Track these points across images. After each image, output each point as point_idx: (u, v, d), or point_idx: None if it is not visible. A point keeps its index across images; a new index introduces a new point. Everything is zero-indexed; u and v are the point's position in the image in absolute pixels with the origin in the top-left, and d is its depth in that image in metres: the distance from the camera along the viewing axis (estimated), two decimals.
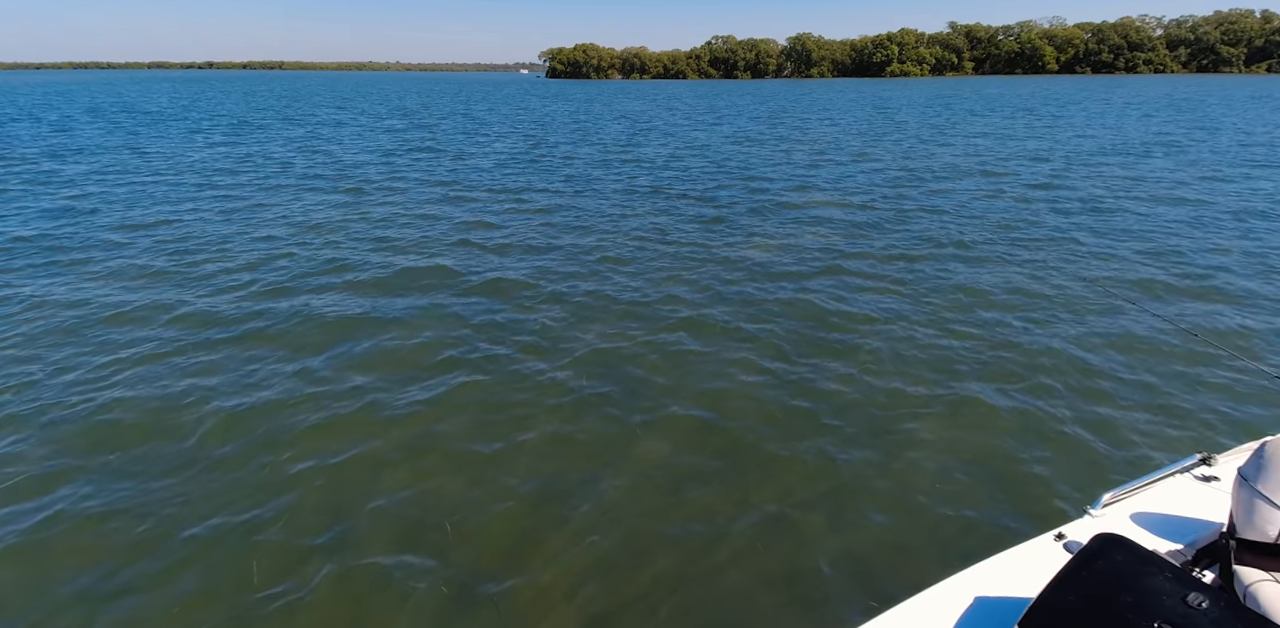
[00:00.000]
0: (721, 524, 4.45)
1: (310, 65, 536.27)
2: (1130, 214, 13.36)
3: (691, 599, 3.83)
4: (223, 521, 4.51)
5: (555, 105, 55.87)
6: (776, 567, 4.07)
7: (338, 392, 6.22)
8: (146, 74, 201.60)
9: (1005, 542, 2.62)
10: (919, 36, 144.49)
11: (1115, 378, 6.39)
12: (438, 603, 3.82)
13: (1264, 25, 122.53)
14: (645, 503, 4.68)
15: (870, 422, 5.69)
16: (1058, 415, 5.72)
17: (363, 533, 4.39)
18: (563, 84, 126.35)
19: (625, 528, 4.43)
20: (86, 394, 6.17)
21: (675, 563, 4.12)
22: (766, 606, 3.78)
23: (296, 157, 22.37)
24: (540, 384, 6.37)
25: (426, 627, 3.67)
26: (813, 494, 4.75)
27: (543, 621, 3.71)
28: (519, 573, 4.05)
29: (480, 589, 3.92)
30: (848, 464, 5.09)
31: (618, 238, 11.94)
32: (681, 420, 5.75)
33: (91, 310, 8.21)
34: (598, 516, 4.55)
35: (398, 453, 5.27)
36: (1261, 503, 2.01)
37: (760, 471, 5.03)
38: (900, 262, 10.36)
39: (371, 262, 10.34)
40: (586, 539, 4.33)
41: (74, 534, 4.40)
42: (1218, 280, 9.23)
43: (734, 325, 7.80)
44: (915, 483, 4.85)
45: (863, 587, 3.86)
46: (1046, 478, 4.87)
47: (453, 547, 4.26)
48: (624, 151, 24.33)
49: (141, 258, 10.48)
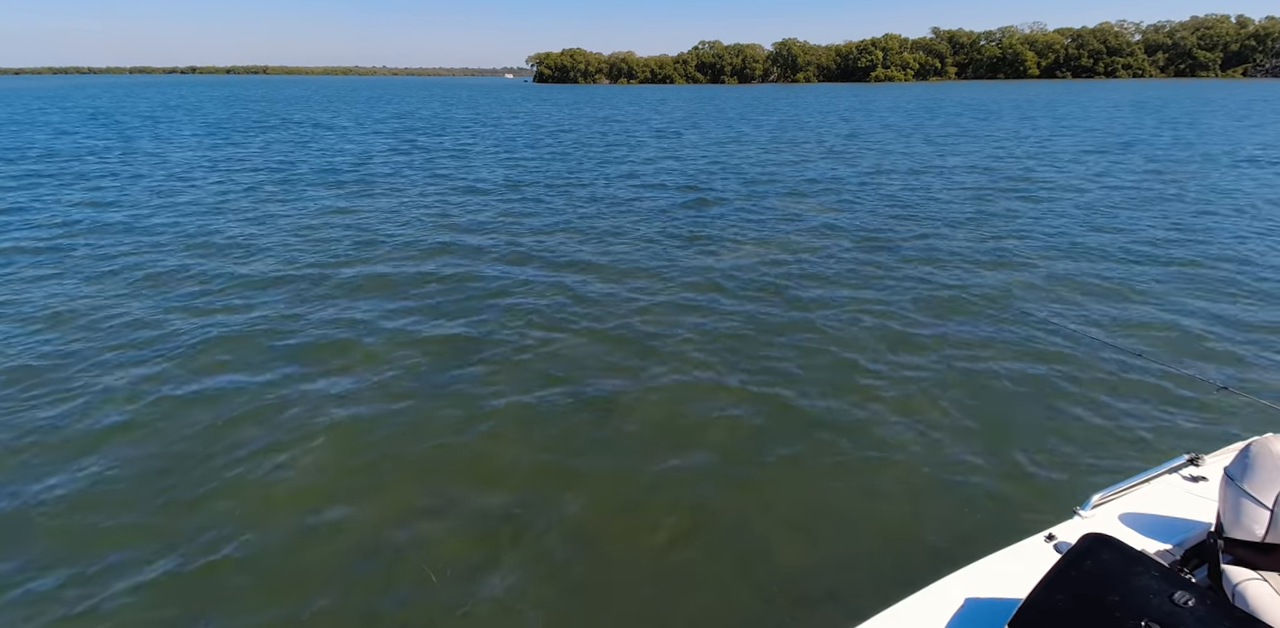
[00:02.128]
0: (712, 526, 4.44)
1: (296, 70, 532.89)
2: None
3: (680, 602, 3.81)
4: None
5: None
6: (765, 571, 4.06)
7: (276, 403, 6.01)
8: (128, 79, 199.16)
9: (995, 543, 2.63)
10: (903, 42, 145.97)
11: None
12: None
13: (1239, 30, 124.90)
14: (616, 517, 4.65)
15: (853, 422, 5.72)
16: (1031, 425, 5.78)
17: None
18: (552, 89, 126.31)
19: (593, 547, 4.30)
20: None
21: (664, 566, 4.10)
22: (756, 610, 3.76)
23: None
24: (501, 391, 6.25)
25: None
26: (802, 499, 4.75)
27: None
28: (484, 583, 4.00)
29: (437, 607, 3.82)
30: (833, 468, 5.10)
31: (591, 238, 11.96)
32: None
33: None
34: (566, 525, 4.50)
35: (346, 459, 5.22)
36: (1248, 502, 2.03)
37: (745, 476, 5.03)
38: (869, 251, 10.45)
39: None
40: (551, 542, 4.28)
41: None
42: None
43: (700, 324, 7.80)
44: (904, 487, 4.87)
45: (853, 590, 3.85)
46: (1030, 482, 4.89)
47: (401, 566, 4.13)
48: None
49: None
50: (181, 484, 4.91)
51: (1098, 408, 5.89)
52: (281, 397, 6.16)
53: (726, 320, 8.12)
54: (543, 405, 6.02)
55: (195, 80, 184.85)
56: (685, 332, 7.75)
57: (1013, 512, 4.50)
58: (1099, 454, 5.19)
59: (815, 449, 5.34)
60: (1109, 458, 5.14)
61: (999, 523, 4.36)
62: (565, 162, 22.90)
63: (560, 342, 7.46)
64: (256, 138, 30.02)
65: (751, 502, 4.71)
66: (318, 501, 4.73)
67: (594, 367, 6.82)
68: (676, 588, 3.93)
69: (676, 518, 4.53)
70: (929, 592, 2.40)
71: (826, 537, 4.35)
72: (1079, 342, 7.17)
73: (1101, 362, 6.77)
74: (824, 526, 4.46)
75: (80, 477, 5.01)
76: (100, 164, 21.07)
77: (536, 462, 5.18)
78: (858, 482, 4.92)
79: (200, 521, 4.52)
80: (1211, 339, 7.36)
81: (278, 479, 4.97)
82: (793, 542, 4.30)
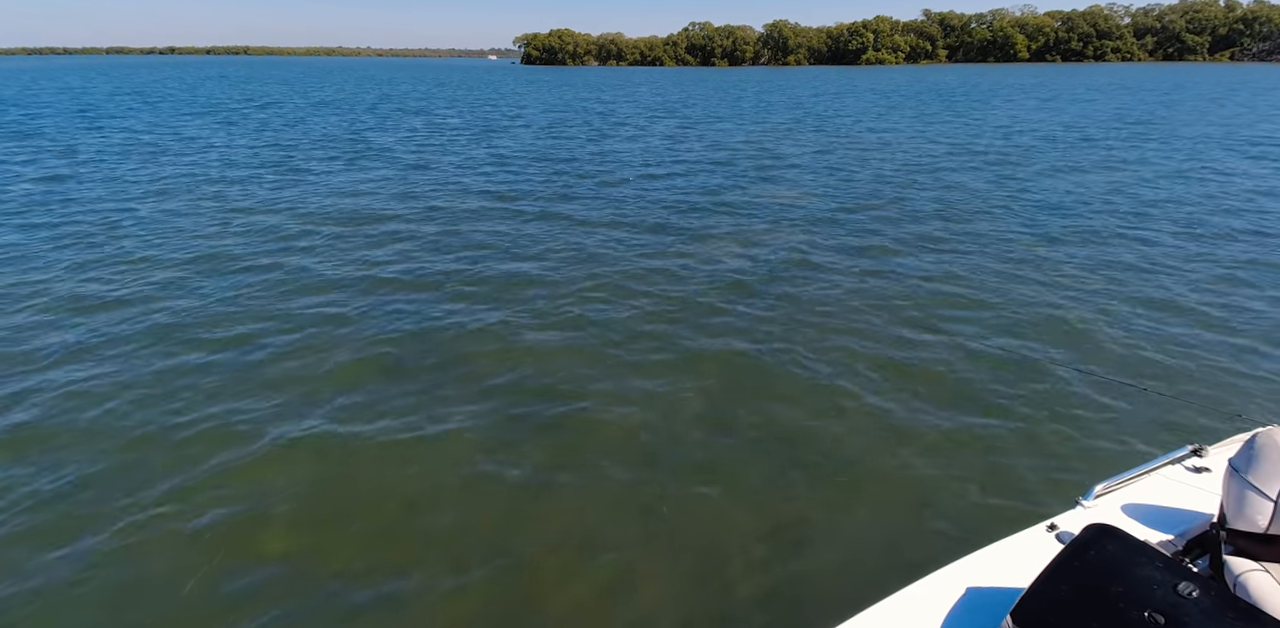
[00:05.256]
0: (707, 519, 4.45)
1: (277, 51, 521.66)
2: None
3: (679, 594, 3.83)
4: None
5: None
6: (767, 560, 4.08)
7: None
8: (107, 61, 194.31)
9: (997, 533, 2.63)
10: (894, 24, 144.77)
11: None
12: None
13: (1227, 13, 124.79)
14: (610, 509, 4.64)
15: (854, 412, 5.74)
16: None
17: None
18: (539, 70, 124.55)
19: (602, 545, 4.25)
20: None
21: (656, 562, 4.11)
22: (756, 598, 3.78)
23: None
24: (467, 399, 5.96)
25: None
26: (798, 491, 4.78)
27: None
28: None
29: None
30: (833, 457, 5.13)
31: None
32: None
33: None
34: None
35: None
36: (1252, 493, 2.04)
37: (750, 465, 5.04)
38: (855, 253, 10.44)
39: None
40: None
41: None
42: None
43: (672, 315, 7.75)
44: (906, 476, 4.90)
45: (854, 578, 3.88)
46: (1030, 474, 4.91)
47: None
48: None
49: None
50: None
51: (1100, 396, 5.90)
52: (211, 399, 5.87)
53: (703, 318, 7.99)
54: (503, 416, 5.65)
55: (177, 61, 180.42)
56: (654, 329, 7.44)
57: (1015, 501, 4.52)
58: (1102, 443, 5.22)
59: (816, 440, 5.35)
60: (1112, 446, 5.16)
61: (1000, 512, 4.39)
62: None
63: (524, 346, 7.01)
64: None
65: (750, 496, 4.71)
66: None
67: (560, 374, 6.41)
68: (678, 583, 3.96)
69: (668, 509, 4.55)
70: (930, 580, 2.40)
71: (827, 526, 4.37)
72: (1079, 335, 7.22)
73: (1102, 352, 6.81)
74: (825, 515, 4.48)
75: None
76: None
77: (497, 473, 4.92)
78: (860, 471, 4.94)
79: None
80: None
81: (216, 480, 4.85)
82: (794, 531, 4.33)
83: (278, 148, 21.37)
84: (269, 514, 4.47)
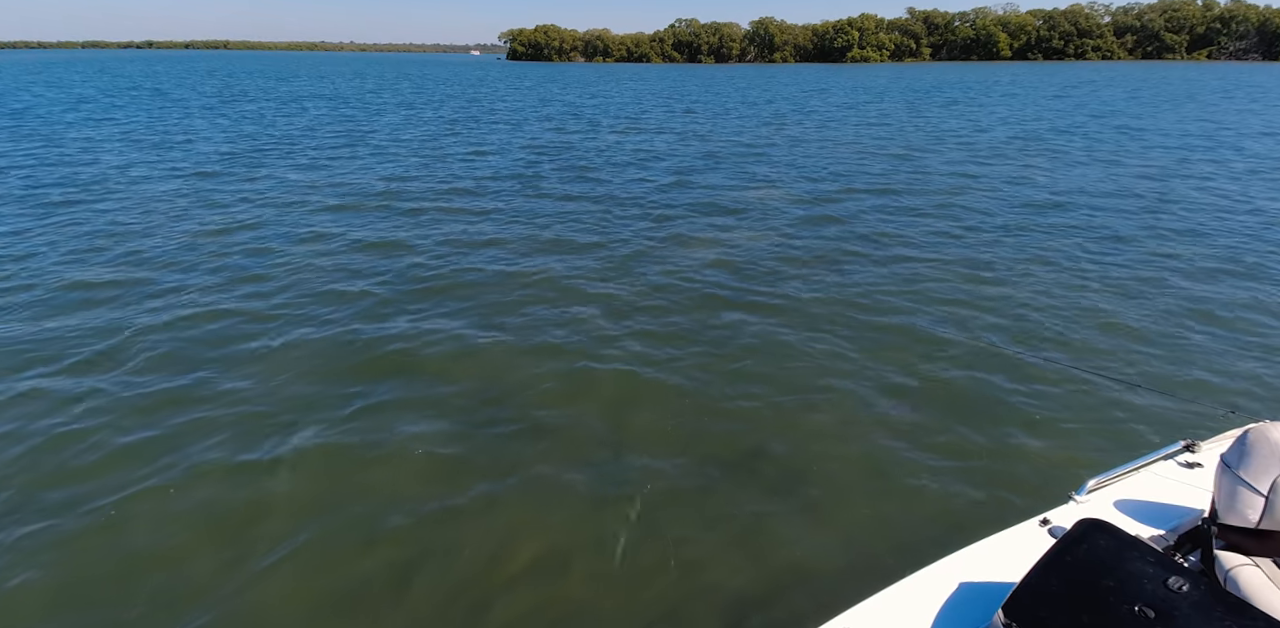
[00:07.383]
0: (702, 516, 4.45)
1: (258, 45, 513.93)
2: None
3: (669, 589, 3.83)
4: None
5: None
6: (759, 554, 4.09)
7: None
8: (86, 54, 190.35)
9: (990, 527, 2.65)
10: (879, 22, 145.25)
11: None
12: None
13: (1205, 12, 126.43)
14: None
15: (846, 404, 5.76)
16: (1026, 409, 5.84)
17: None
18: (527, 67, 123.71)
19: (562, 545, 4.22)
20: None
21: (648, 557, 4.10)
22: (746, 594, 3.79)
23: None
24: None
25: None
26: (794, 484, 4.78)
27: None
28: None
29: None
30: (824, 451, 5.14)
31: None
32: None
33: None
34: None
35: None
36: (1243, 489, 2.05)
37: (737, 461, 5.04)
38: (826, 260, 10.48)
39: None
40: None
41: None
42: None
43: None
44: (899, 470, 4.92)
45: (846, 573, 3.90)
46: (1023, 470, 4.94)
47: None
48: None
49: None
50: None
51: (1092, 392, 5.94)
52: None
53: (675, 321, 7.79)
54: (468, 429, 5.49)
55: (155, 56, 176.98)
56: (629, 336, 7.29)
57: (1007, 496, 4.55)
58: (1094, 438, 5.27)
59: (804, 434, 5.37)
60: (1105, 442, 5.20)
61: (993, 507, 4.41)
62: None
63: (485, 358, 6.73)
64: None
65: (737, 493, 4.72)
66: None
67: (526, 382, 6.22)
68: (678, 577, 3.95)
69: (657, 512, 4.53)
70: (923, 575, 2.42)
71: (819, 520, 4.39)
72: (1069, 331, 7.29)
73: (1093, 348, 6.88)
74: (815, 509, 4.49)
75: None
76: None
77: (466, 485, 4.79)
78: (850, 466, 4.96)
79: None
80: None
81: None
82: (784, 526, 4.33)
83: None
84: (200, 534, 4.27)
